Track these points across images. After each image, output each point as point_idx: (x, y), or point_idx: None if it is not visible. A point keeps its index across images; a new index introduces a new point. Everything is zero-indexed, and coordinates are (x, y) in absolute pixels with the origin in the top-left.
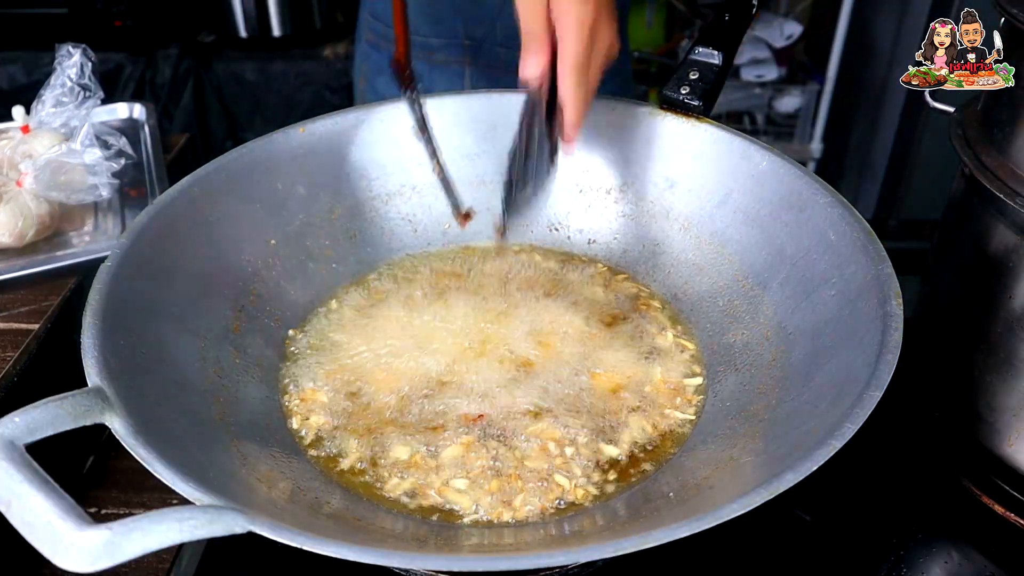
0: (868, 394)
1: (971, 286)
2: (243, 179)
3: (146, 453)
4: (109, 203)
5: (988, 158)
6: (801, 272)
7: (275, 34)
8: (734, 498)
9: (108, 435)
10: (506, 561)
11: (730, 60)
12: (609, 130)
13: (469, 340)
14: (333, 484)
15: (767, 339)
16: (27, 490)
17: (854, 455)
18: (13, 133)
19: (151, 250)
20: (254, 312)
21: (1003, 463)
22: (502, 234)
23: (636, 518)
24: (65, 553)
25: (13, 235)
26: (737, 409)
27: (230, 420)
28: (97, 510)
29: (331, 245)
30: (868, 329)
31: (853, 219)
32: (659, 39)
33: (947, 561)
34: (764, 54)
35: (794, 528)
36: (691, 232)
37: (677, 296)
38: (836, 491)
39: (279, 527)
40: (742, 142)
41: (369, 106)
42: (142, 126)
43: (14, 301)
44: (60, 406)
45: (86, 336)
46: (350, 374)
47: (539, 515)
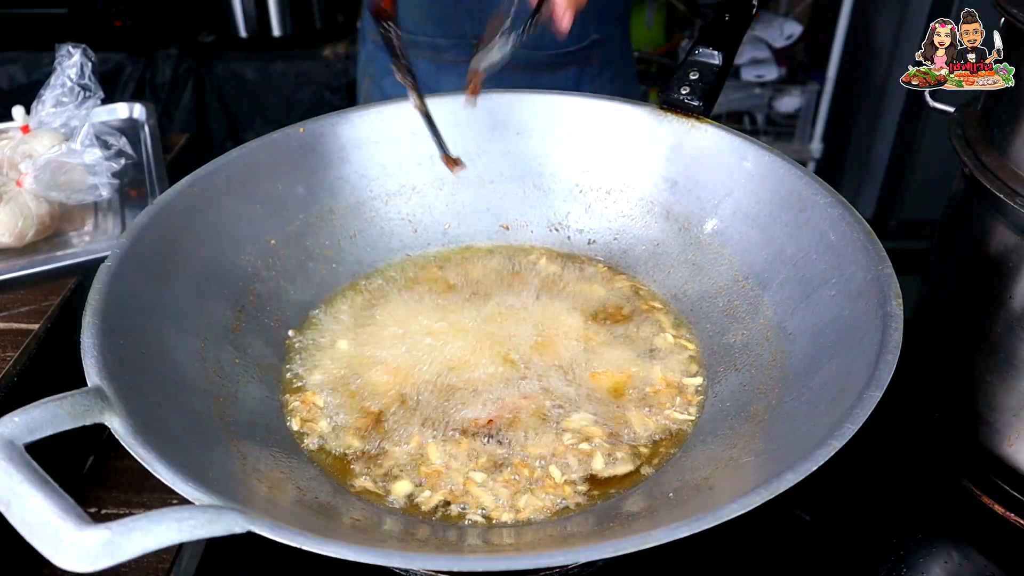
0: (868, 394)
1: (971, 286)
2: (243, 179)
3: (146, 453)
4: (109, 203)
5: (988, 158)
6: (801, 272)
7: (275, 34)
8: (734, 498)
9: (108, 435)
10: (506, 561)
11: (730, 60)
12: (609, 130)
13: (469, 340)
14: (333, 484)
15: (767, 339)
16: (27, 490)
17: (854, 455)
18: (13, 133)
19: (151, 250)
20: (254, 312)
21: (1003, 463)
22: (475, 84)
23: (636, 518)
24: (65, 553)
25: (13, 235)
26: (737, 409)
27: (230, 420)
28: (97, 510)
29: (331, 245)
30: (868, 329)
31: (853, 219)
32: (659, 39)
33: (947, 561)
34: (764, 54)
35: (794, 528)
36: (691, 232)
37: (677, 296)
38: (836, 491)
39: (279, 527)
40: (742, 142)
41: (369, 106)
42: (142, 126)
43: (14, 301)
44: (60, 406)
45: (86, 336)
46: (350, 374)
47: (539, 515)
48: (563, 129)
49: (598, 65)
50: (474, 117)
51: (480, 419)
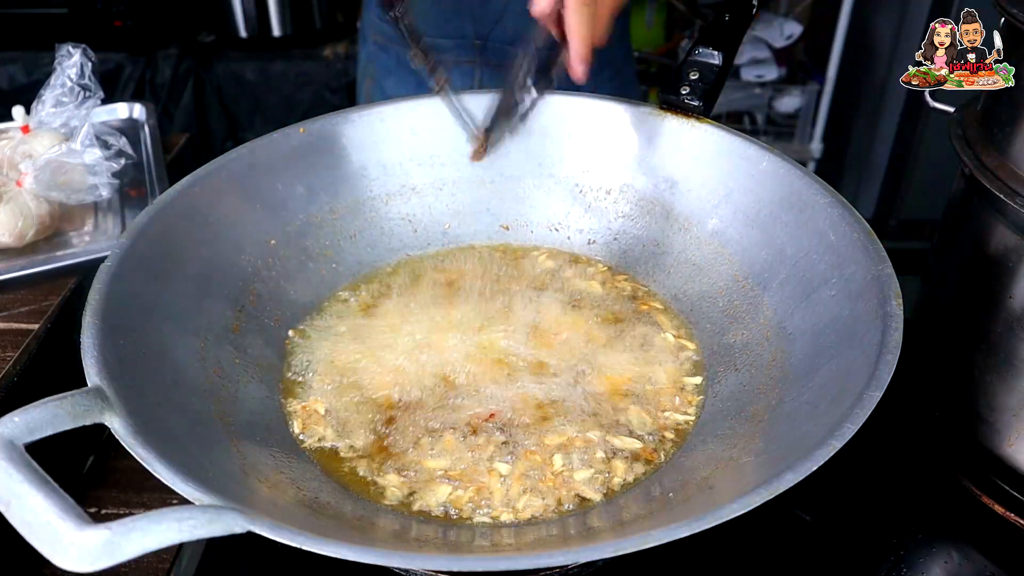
0: (868, 394)
1: (971, 286)
2: (243, 179)
3: (146, 453)
4: (109, 203)
5: (988, 158)
6: (801, 272)
7: (275, 34)
8: (734, 498)
9: (108, 435)
10: (506, 561)
11: (730, 60)
12: (609, 130)
13: (469, 340)
14: (333, 484)
15: (767, 339)
16: (27, 490)
17: (854, 455)
18: (13, 133)
19: (151, 250)
20: (254, 312)
21: (1003, 463)
22: (481, 147)
23: (636, 518)
24: (64, 553)
25: (13, 235)
26: (737, 409)
27: (230, 420)
28: (97, 510)
29: (331, 245)
30: (868, 329)
31: (853, 219)
32: (659, 39)
33: (947, 561)
34: (764, 54)
35: (794, 528)
36: (691, 232)
37: (677, 296)
38: (836, 491)
39: (279, 527)
40: (742, 142)
41: (369, 106)
42: (142, 126)
43: (14, 301)
44: (60, 406)
45: (86, 336)
46: (350, 374)
47: (540, 515)
48: (563, 129)
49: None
50: (474, 117)
51: (482, 414)
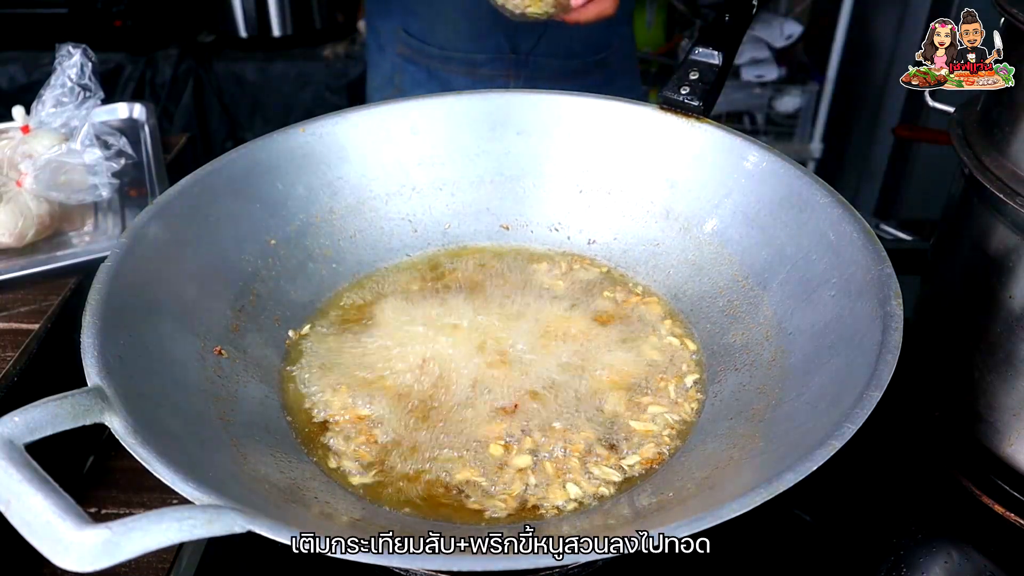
0: (868, 394)
1: (971, 286)
2: (243, 179)
3: (146, 453)
4: (109, 203)
5: (988, 158)
6: (801, 272)
7: (275, 34)
8: (734, 498)
9: (108, 435)
10: (506, 561)
11: (730, 60)
12: (609, 130)
13: (468, 340)
14: (333, 483)
15: (767, 339)
16: (27, 490)
17: (854, 455)
18: (13, 133)
19: (151, 250)
20: (254, 312)
21: (1003, 463)
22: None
23: (636, 518)
24: (64, 553)
25: (13, 235)
26: (737, 409)
27: (230, 420)
28: (97, 510)
29: (331, 245)
30: (868, 329)
31: (853, 219)
32: (659, 39)
33: (947, 561)
34: (764, 54)
35: (794, 528)
36: (691, 232)
37: (677, 296)
38: (836, 491)
39: (279, 527)
40: (742, 142)
41: (369, 106)
42: (142, 126)
43: (14, 301)
44: (60, 406)
45: (86, 336)
46: (350, 374)
47: (537, 515)
48: (563, 129)
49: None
50: (474, 117)
51: (481, 414)
